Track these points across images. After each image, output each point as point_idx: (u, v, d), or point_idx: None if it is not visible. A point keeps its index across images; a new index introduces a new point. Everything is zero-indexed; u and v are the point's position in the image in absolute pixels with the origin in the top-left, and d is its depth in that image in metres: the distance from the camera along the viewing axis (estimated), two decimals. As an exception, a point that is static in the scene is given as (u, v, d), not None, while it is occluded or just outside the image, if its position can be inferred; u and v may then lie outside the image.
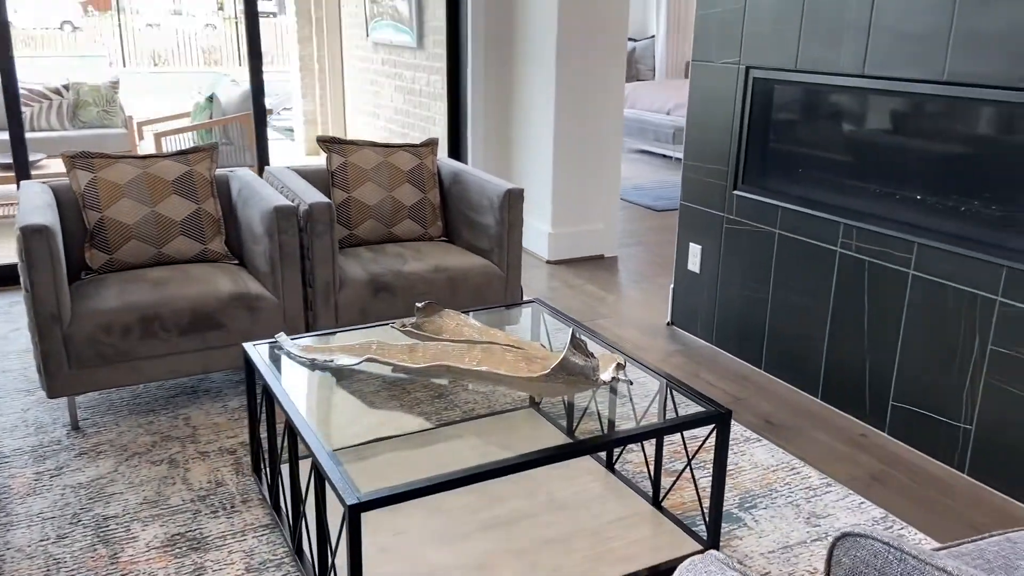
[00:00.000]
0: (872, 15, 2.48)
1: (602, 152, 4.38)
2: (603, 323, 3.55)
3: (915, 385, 2.50)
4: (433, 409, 2.67)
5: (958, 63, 2.25)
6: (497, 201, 3.02)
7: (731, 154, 3.08)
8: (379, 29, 5.84)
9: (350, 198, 3.14)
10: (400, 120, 5.82)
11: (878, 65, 2.48)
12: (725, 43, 3.04)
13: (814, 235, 2.78)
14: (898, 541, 1.19)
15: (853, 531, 1.27)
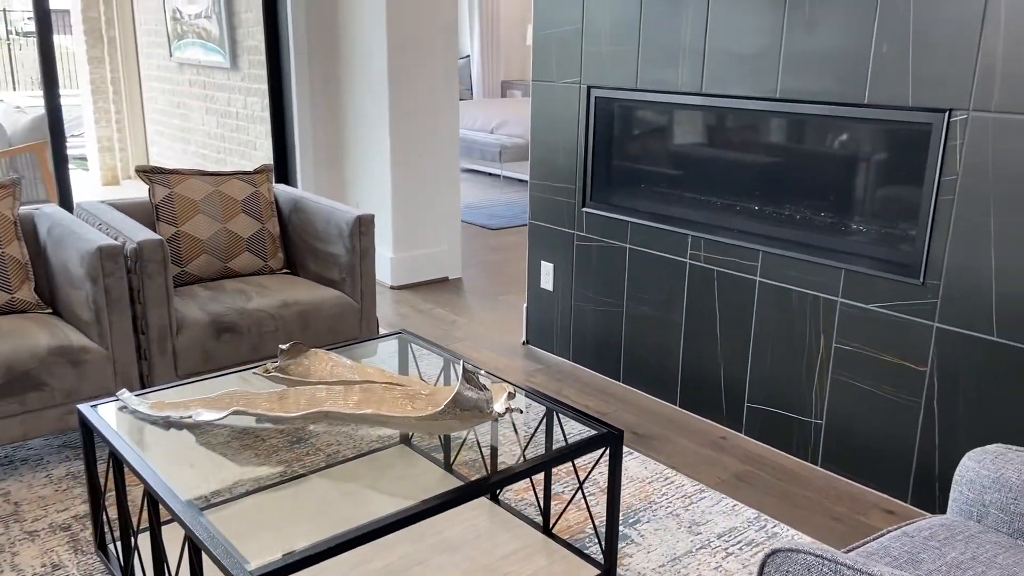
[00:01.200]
0: (706, 37, 2.60)
1: (440, 172, 4.32)
2: (459, 347, 3.48)
3: (767, 386, 2.63)
4: (294, 456, 2.47)
5: (789, 81, 2.40)
6: (347, 229, 2.87)
7: (578, 172, 3.12)
8: (185, 48, 5.46)
9: (179, 232, 2.87)
10: (215, 145, 5.45)
11: (715, 84, 2.60)
12: (565, 63, 3.08)
13: (663, 248, 2.87)
14: (830, 553, 1.21)
15: (783, 547, 1.27)
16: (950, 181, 2.09)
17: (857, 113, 2.26)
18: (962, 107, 2.03)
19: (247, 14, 4.70)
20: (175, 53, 5.60)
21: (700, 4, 2.59)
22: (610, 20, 2.88)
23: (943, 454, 2.23)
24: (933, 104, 2.09)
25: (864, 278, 2.32)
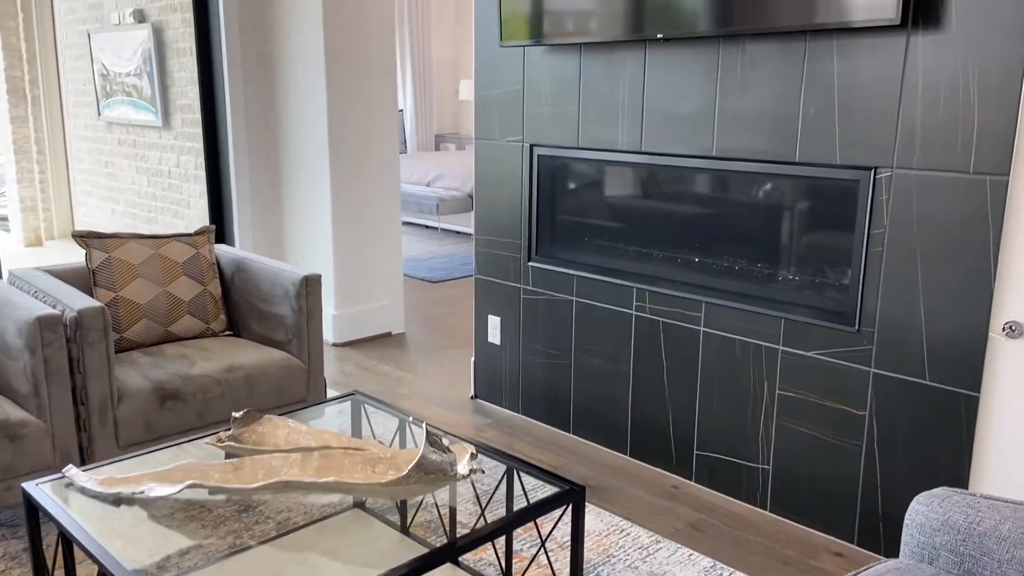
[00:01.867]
0: (644, 98, 2.70)
1: (382, 226, 4.33)
2: (406, 404, 3.46)
3: (715, 433, 2.70)
4: (243, 525, 2.40)
5: (724, 140, 2.52)
6: (293, 289, 2.85)
7: (523, 227, 3.18)
8: (114, 107, 5.37)
9: (118, 297, 2.80)
10: (146, 204, 5.35)
11: (653, 142, 2.70)
12: (508, 122, 3.16)
13: (609, 300, 2.93)
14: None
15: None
16: (879, 234, 2.21)
17: (789, 170, 2.38)
18: (886, 164, 2.16)
19: (180, 73, 4.67)
20: (103, 112, 5.50)
21: (637, 67, 2.70)
22: (550, 81, 2.97)
23: (885, 495, 2.31)
24: (859, 162, 2.22)
25: (803, 326, 2.41)
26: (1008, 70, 1.93)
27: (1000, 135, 1.96)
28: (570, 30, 2.78)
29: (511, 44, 2.97)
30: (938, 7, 2.01)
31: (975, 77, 1.98)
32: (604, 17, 2.67)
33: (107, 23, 5.26)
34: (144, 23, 4.83)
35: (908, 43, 2.08)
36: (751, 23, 2.29)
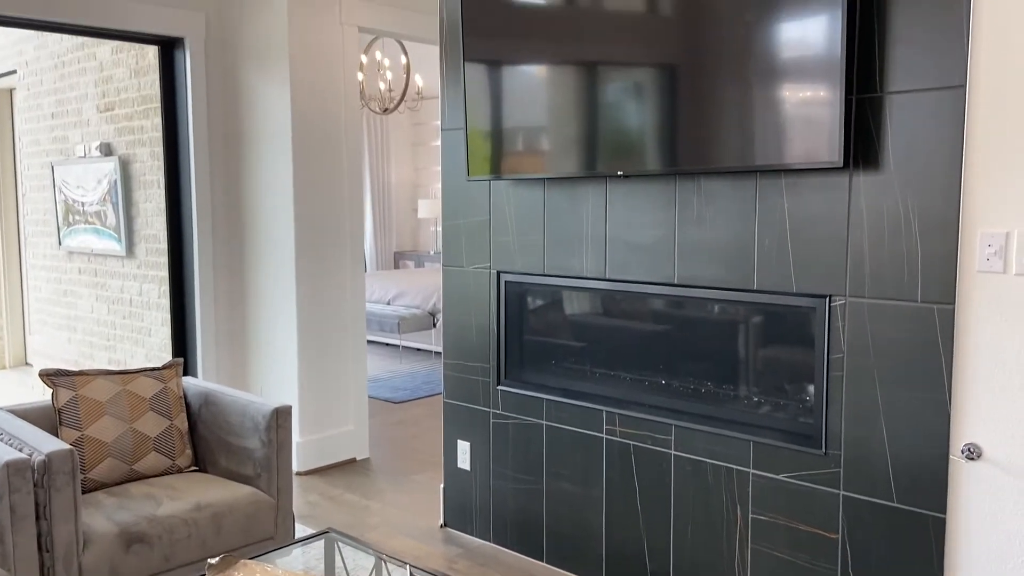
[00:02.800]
0: (606, 228, 2.84)
1: (347, 349, 4.34)
2: (374, 535, 3.39)
3: (692, 562, 2.70)
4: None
5: (684, 269, 2.64)
6: (263, 422, 2.83)
7: (491, 351, 3.23)
8: (76, 235, 5.38)
9: (84, 437, 2.75)
10: (104, 332, 5.29)
11: (617, 270, 2.82)
12: (474, 250, 3.26)
13: (580, 424, 2.97)
14: None
15: None
16: (838, 359, 2.32)
17: (748, 298, 2.50)
18: (839, 293, 2.29)
19: (146, 204, 4.73)
20: (64, 241, 5.50)
21: (599, 200, 2.84)
22: (516, 211, 3.10)
23: (864, 617, 2.32)
24: (814, 290, 2.34)
25: (771, 449, 2.47)
26: (945, 206, 2.09)
27: (943, 266, 2.10)
28: (533, 167, 2.93)
29: (478, 178, 3.10)
30: (876, 150, 2.19)
31: (915, 212, 2.14)
32: (565, 156, 2.83)
33: (72, 155, 5.33)
34: (111, 156, 4.92)
35: (851, 182, 2.25)
36: (701, 164, 2.46)
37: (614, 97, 2.67)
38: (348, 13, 4.23)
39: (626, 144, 2.64)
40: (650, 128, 2.58)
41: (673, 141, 2.52)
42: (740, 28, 2.31)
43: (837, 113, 2.15)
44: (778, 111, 2.27)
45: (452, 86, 3.27)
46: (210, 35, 4.27)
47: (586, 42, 2.72)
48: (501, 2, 2.93)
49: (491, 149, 3.04)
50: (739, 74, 2.33)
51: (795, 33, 2.22)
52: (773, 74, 2.27)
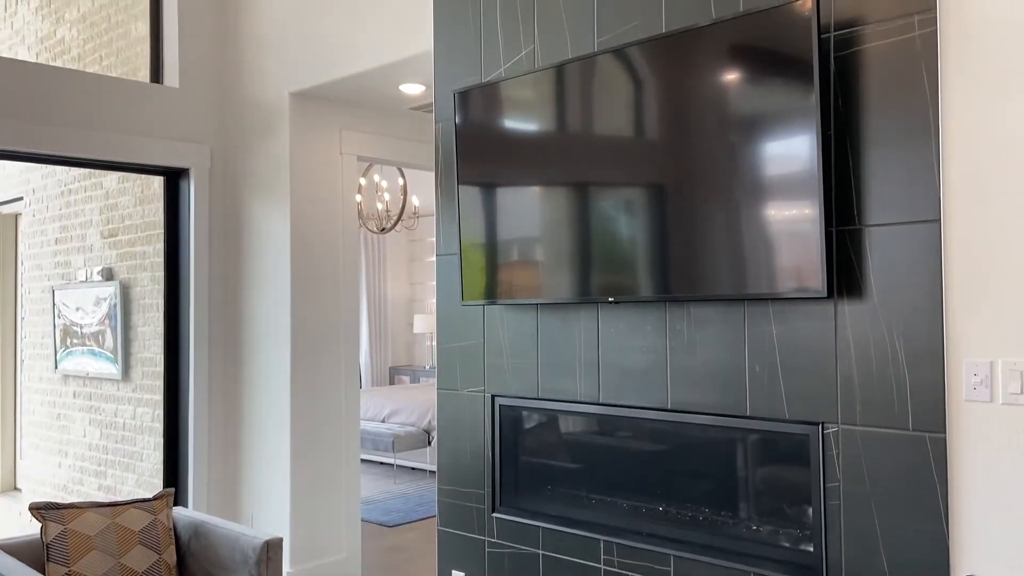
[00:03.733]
0: (599, 353, 2.87)
1: (340, 470, 4.28)
2: (367, 673, 3.26)
3: None
4: None
5: (677, 394, 2.66)
6: (254, 555, 2.78)
7: (486, 477, 3.21)
8: (72, 358, 5.39)
9: (71, 573, 2.69)
10: (95, 457, 5.22)
11: (611, 394, 2.83)
12: (469, 373, 3.28)
13: (577, 553, 2.91)
14: None
15: None
16: (834, 487, 2.31)
17: (742, 424, 2.51)
18: (832, 420, 2.31)
19: (144, 328, 4.78)
20: (60, 364, 5.52)
21: (591, 324, 2.89)
22: (510, 335, 3.14)
23: None
24: (806, 417, 2.36)
25: (773, 579, 2.43)
26: (929, 335, 2.14)
27: (931, 395, 2.13)
28: (526, 292, 3.00)
29: (472, 303, 3.16)
30: (859, 280, 2.26)
31: (900, 342, 2.19)
32: (557, 282, 2.89)
33: (74, 280, 5.42)
34: (112, 280, 5.00)
35: (836, 310, 2.30)
36: (690, 291, 2.52)
37: (604, 221, 2.77)
38: (348, 144, 4.40)
39: (617, 270, 2.72)
40: (640, 253, 2.65)
41: (663, 268, 2.59)
42: (724, 150, 2.42)
43: (819, 244, 2.23)
44: (763, 239, 2.36)
45: (447, 212, 3.38)
46: (214, 166, 4.43)
47: (576, 165, 2.84)
48: (493, 129, 3.06)
49: (485, 274, 3.11)
50: (724, 197, 2.43)
51: (776, 158, 2.33)
52: (757, 199, 2.36)
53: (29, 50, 6.00)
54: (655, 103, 2.59)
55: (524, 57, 3.08)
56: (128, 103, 4.17)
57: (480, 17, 3.22)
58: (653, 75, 2.59)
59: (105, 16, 5.24)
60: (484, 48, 3.21)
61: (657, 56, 2.57)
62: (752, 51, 2.34)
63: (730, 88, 2.40)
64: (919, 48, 2.16)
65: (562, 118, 2.86)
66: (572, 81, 2.81)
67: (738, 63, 2.37)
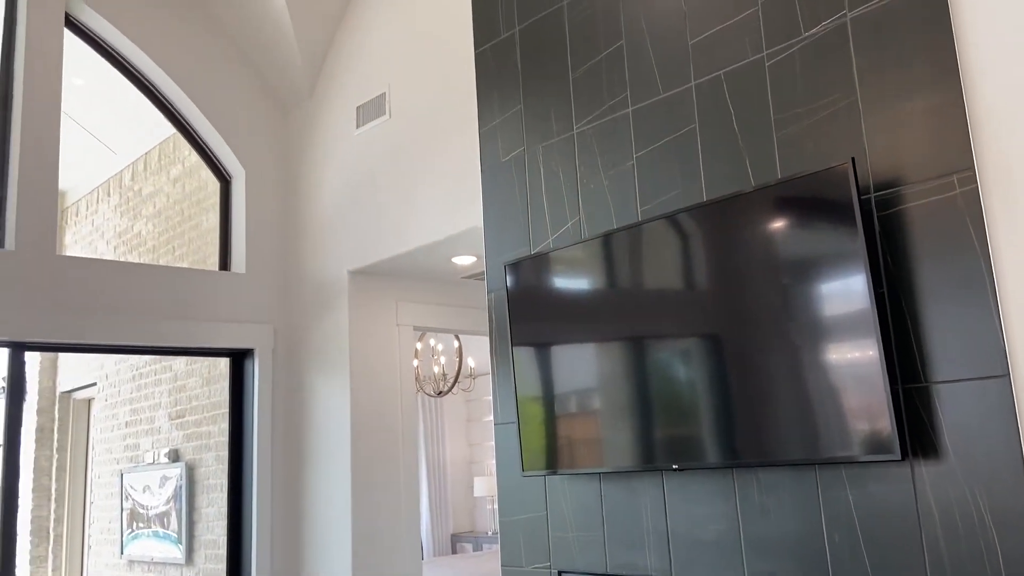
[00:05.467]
0: (667, 523, 2.77)
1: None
2: None
3: None
4: None
5: (754, 564, 2.52)
6: None
7: (558, 664, 3.03)
8: (138, 541, 5.40)
9: None
10: (158, 644, 5.12)
11: (684, 568, 2.70)
12: (533, 549, 3.18)
13: None
14: None
15: None
16: (937, 667, 2.12)
17: (827, 597, 2.35)
18: (924, 591, 2.16)
19: (208, 508, 4.80)
20: (126, 548, 5.53)
21: (656, 493, 2.81)
22: (573, 506, 3.06)
23: None
24: (896, 588, 2.21)
25: None
26: (1014, 498, 2.02)
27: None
28: (587, 461, 2.94)
29: (532, 474, 3.11)
30: (933, 440, 2.18)
31: (986, 506, 2.07)
32: (618, 450, 2.85)
33: (142, 462, 5.53)
34: (178, 461, 5.08)
35: (913, 473, 2.21)
36: (758, 456, 2.45)
37: (662, 373, 2.74)
38: (404, 315, 4.53)
39: (679, 423, 2.67)
40: (702, 407, 2.60)
41: (727, 428, 2.53)
42: (776, 293, 2.41)
43: (887, 403, 2.16)
44: (828, 387, 2.30)
45: (503, 378, 3.39)
46: (277, 344, 4.58)
47: (628, 320, 2.85)
48: (544, 293, 3.13)
49: (544, 442, 3.08)
50: (782, 341, 2.39)
51: (830, 296, 2.31)
52: (816, 339, 2.33)
53: (108, 244, 6.43)
54: (704, 257, 2.64)
55: (570, 228, 3.20)
56: (198, 291, 4.40)
57: (526, 194, 3.37)
58: (700, 234, 2.65)
59: (179, 210, 5.63)
60: (531, 221, 3.34)
61: (704, 218, 2.64)
62: (796, 203, 2.40)
63: (777, 236, 2.44)
64: (962, 205, 2.19)
65: (612, 279, 2.92)
66: (620, 246, 2.89)
67: (783, 215, 2.42)
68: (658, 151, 2.91)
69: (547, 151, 3.29)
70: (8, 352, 3.90)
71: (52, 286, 3.94)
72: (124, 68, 4.57)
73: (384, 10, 4.42)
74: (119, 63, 4.55)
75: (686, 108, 2.83)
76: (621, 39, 3.06)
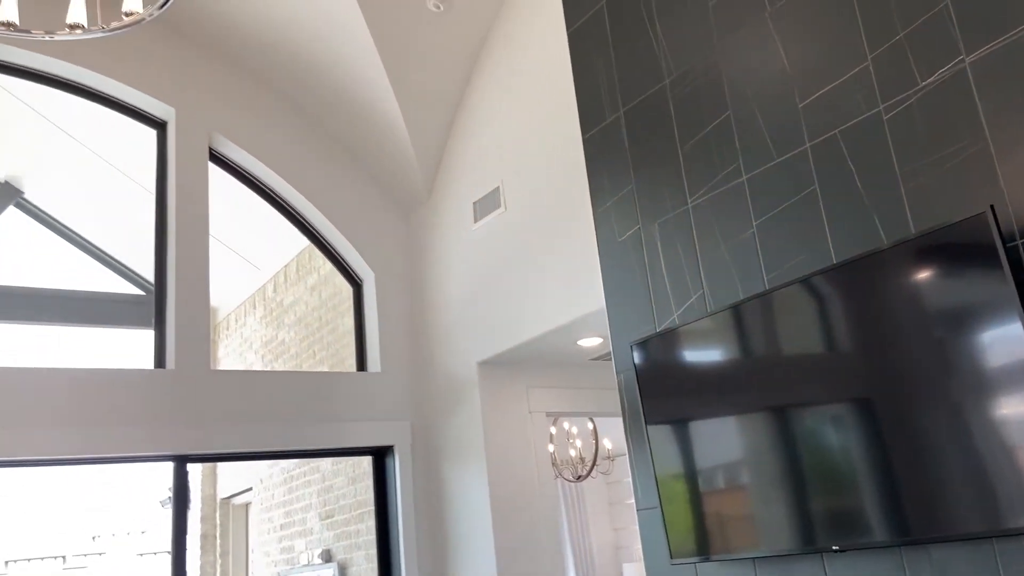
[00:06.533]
0: (834, 610, 2.58)
1: None
2: None
3: None
4: None
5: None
6: None
7: None
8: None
9: None
10: None
11: (858, 659, 2.49)
12: (690, 643, 3.03)
13: None
14: None
15: None
16: None
17: None
18: None
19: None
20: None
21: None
22: (728, 596, 2.90)
23: None
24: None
25: None
26: None
27: None
28: (738, 543, 2.80)
29: (681, 562, 2.99)
30: None
31: None
32: (772, 528, 2.70)
33: (296, 564, 5.70)
34: (330, 562, 5.21)
35: (1111, 542, 1.97)
36: (931, 531, 2.26)
37: (814, 451, 2.59)
38: (535, 401, 4.54)
39: (837, 496, 2.50)
40: (861, 486, 2.44)
41: (892, 498, 2.36)
42: (931, 349, 2.26)
43: (1067, 467, 1.97)
44: (1000, 445, 2.11)
45: (640, 460, 3.31)
46: (415, 440, 4.68)
47: (768, 389, 2.74)
48: (675, 369, 3.06)
49: (690, 526, 2.96)
50: (943, 399, 2.23)
51: (990, 346, 2.14)
52: (980, 394, 2.15)
53: (256, 353, 6.84)
54: (844, 319, 2.53)
55: (695, 302, 3.14)
56: (338, 392, 4.58)
57: (646, 271, 3.35)
58: (838, 296, 2.55)
59: (317, 316, 5.94)
60: (654, 298, 3.31)
61: (840, 279, 2.54)
62: (938, 255, 2.27)
63: (922, 290, 2.31)
64: (1125, 242, 2.01)
65: (746, 349, 2.83)
66: (752, 315, 2.81)
67: (926, 268, 2.30)
68: (779, 217, 2.85)
69: (663, 227, 3.29)
70: (173, 465, 4.16)
71: (209, 400, 4.21)
72: (261, 190, 4.94)
73: (491, 109, 4.61)
74: (256, 186, 4.93)
75: (803, 171, 2.77)
76: (727, 110, 3.05)
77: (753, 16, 2.98)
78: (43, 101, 4.86)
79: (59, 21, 4.00)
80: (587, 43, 3.70)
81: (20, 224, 5.15)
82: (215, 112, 4.68)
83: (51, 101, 4.80)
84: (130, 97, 4.58)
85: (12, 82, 4.40)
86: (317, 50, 4.57)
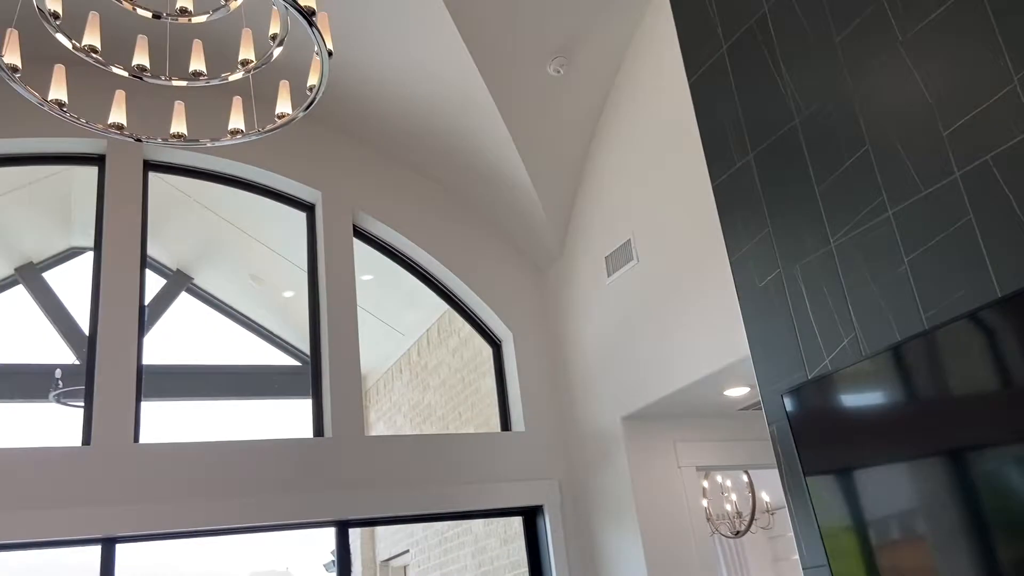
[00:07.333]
0: None
1: None
2: None
3: None
4: None
5: None
6: None
7: None
8: None
9: None
10: None
11: None
12: None
13: None
14: None
15: None
16: None
17: None
18: None
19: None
20: None
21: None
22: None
23: None
24: None
25: None
26: None
27: None
28: (919, 604, 2.60)
29: (856, 624, 2.80)
30: None
31: None
32: (954, 570, 2.49)
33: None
34: (487, 624, 5.21)
35: None
36: None
37: (999, 495, 2.39)
38: (684, 455, 4.43)
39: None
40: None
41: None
42: None
43: None
44: None
45: (801, 515, 3.15)
46: (564, 499, 4.65)
47: (941, 432, 2.55)
48: (832, 417, 2.91)
49: (864, 568, 2.78)
50: None
51: None
52: None
53: (404, 417, 7.06)
54: (1020, 353, 2.34)
55: (847, 345, 3.00)
56: (485, 453, 4.64)
57: (791, 316, 3.24)
58: (1011, 328, 2.37)
59: (460, 378, 6.08)
60: (802, 343, 3.18)
61: (1011, 312, 2.36)
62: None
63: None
64: None
65: (912, 391, 2.67)
66: (916, 355, 2.65)
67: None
68: (932, 250, 2.69)
69: (805, 270, 3.17)
70: (335, 530, 4.33)
71: (365, 465, 4.37)
72: (401, 260, 5.17)
73: (618, 163, 4.65)
74: (397, 257, 5.16)
75: (955, 201, 2.62)
76: (865, 144, 2.94)
77: (885, 47, 2.88)
78: (207, 195, 5.33)
79: (220, 128, 4.40)
80: (710, 90, 3.68)
81: (191, 308, 5.61)
82: (356, 191, 4.97)
83: (214, 194, 5.26)
84: (281, 185, 4.94)
85: (180, 181, 4.86)
86: (446, 123, 4.79)
